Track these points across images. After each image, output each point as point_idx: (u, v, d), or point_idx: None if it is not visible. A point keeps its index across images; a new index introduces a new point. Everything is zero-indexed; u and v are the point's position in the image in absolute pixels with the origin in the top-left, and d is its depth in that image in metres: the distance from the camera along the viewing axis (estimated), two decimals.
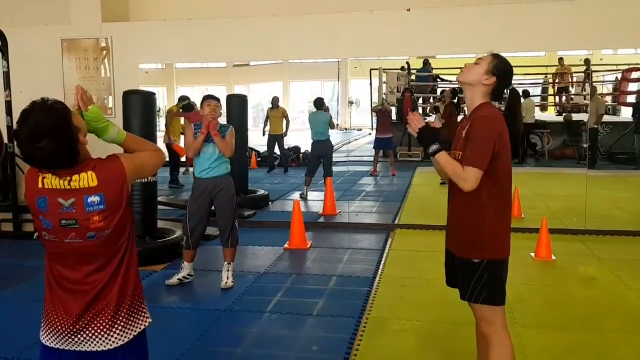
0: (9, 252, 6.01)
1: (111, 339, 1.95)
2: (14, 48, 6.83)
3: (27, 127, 1.79)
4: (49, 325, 1.97)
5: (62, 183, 1.85)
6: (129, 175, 1.96)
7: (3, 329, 4.13)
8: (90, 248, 1.91)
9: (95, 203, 1.87)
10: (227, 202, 4.84)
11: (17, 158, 6.95)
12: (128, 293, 1.98)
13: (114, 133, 2.04)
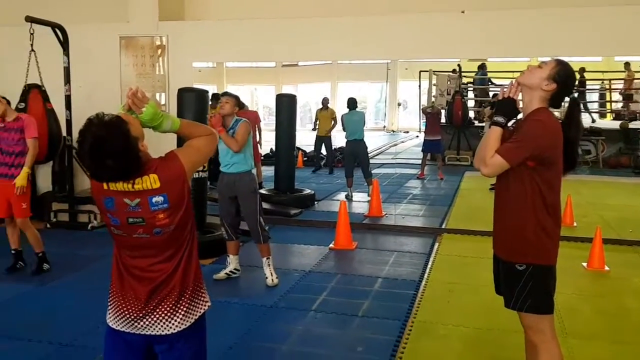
0: (64, 241, 6.23)
1: (174, 323, 2.02)
2: (74, 44, 7.07)
3: (89, 148, 1.82)
4: (116, 310, 2.06)
5: (126, 186, 1.92)
6: (188, 171, 2.01)
7: (59, 315, 4.29)
8: (157, 242, 2.00)
9: (160, 202, 1.93)
10: (248, 199, 4.88)
11: (75, 150, 7.22)
12: (190, 281, 2.06)
13: (168, 125, 2.05)
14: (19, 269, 5.22)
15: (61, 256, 5.53)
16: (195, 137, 2.12)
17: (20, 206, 4.95)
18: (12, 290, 4.76)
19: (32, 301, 4.59)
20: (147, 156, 1.96)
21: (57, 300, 4.64)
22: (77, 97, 7.14)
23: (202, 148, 2.12)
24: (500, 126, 2.47)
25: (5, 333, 3.87)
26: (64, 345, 3.73)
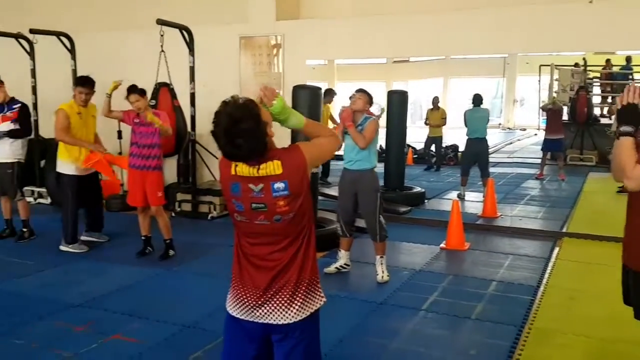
0: (187, 230, 6.64)
1: (290, 313, 2.08)
2: (199, 45, 7.50)
3: (224, 127, 1.95)
4: (236, 297, 2.15)
5: (252, 171, 2.02)
6: (309, 163, 2.08)
7: (181, 299, 4.59)
8: (277, 229, 2.07)
9: (281, 189, 2.01)
10: (368, 197, 4.87)
11: (198, 145, 7.67)
12: (307, 272, 2.11)
13: (294, 121, 2.17)
14: (147, 253, 5.66)
15: (185, 243, 5.91)
16: (318, 137, 2.20)
17: (156, 194, 5.37)
18: (141, 274, 5.17)
19: (158, 284, 4.96)
20: (272, 144, 2.08)
21: (181, 284, 4.96)
22: (201, 95, 7.57)
23: (324, 146, 2.20)
24: (629, 135, 2.28)
25: (135, 313, 4.21)
26: (186, 326, 3.98)
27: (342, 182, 5.05)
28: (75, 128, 5.64)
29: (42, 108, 8.45)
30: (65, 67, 8.32)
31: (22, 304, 4.40)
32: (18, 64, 8.35)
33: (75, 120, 5.63)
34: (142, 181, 5.35)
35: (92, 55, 8.48)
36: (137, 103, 5.24)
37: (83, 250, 5.84)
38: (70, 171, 5.73)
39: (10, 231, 6.32)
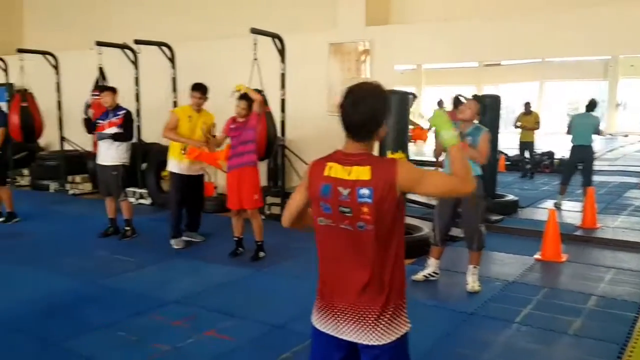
0: (276, 232, 6.76)
1: (375, 335, 2.00)
2: (289, 52, 7.67)
3: (353, 98, 2.01)
4: (318, 309, 2.12)
5: (343, 173, 2.00)
6: (400, 182, 1.97)
7: (271, 299, 4.71)
8: (360, 238, 2.01)
9: (365, 195, 1.96)
10: (472, 205, 4.72)
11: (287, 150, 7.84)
12: (394, 291, 2.02)
13: (444, 136, 2.13)
14: (238, 254, 5.86)
15: (274, 245, 6.05)
16: (453, 170, 2.07)
17: (252, 197, 5.56)
18: (233, 273, 5.36)
19: (249, 284, 5.11)
20: (372, 148, 2.06)
21: (271, 285, 5.09)
22: (291, 101, 7.75)
23: (436, 182, 2.09)
24: None
25: (228, 311, 4.36)
26: (276, 327, 4.08)
27: None
28: (182, 129, 6.02)
29: (144, 114, 9.00)
30: (165, 76, 8.81)
31: (124, 298, 4.69)
32: (124, 73, 8.92)
33: (184, 122, 6.03)
34: (239, 183, 5.53)
35: (190, 63, 8.91)
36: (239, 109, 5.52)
37: (179, 246, 6.18)
38: (176, 169, 6.15)
39: (114, 229, 6.76)
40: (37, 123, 9.34)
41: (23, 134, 9.22)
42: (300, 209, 2.20)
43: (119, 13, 11.11)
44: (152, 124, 9.10)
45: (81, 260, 5.74)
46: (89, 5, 11.66)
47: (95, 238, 6.64)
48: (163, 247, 6.23)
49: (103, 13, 11.35)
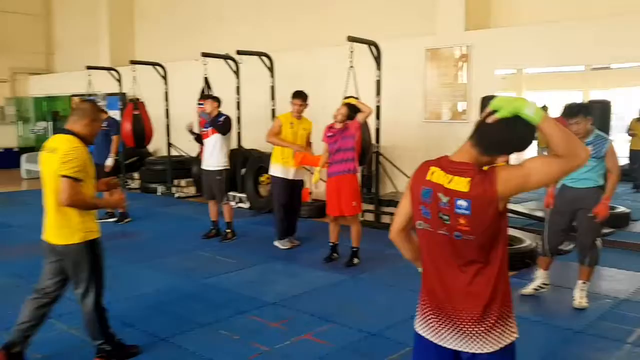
0: (370, 239, 6.79)
1: (479, 342, 1.96)
2: (384, 58, 7.66)
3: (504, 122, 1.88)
4: (421, 316, 2.11)
5: (444, 180, 1.97)
6: (502, 191, 1.89)
7: (366, 306, 4.71)
8: (459, 246, 1.98)
9: (463, 207, 1.92)
10: (589, 218, 4.46)
11: (382, 157, 7.82)
12: (498, 299, 1.97)
13: (531, 113, 1.82)
14: (333, 259, 5.91)
15: (369, 252, 6.05)
16: (554, 148, 1.84)
17: (351, 204, 5.63)
18: (329, 278, 5.42)
19: (345, 290, 5.14)
20: (480, 162, 1.96)
21: (366, 292, 5.09)
22: (385, 107, 7.73)
23: (544, 171, 1.87)
24: None
25: (322, 315, 4.41)
26: (371, 334, 4.07)
27: (560, 199, 4.63)
28: (285, 135, 6.24)
29: (244, 121, 9.34)
30: (264, 84, 9.10)
31: (226, 298, 4.89)
32: (226, 82, 9.32)
33: (286, 129, 6.25)
34: (338, 190, 5.61)
35: (288, 72, 9.15)
36: (338, 115, 5.58)
37: (285, 247, 6.41)
38: (278, 173, 6.39)
39: (215, 232, 7.06)
40: (147, 130, 9.98)
41: (134, 140, 9.89)
42: (408, 216, 2.16)
43: (223, 25, 11.64)
44: (251, 131, 9.45)
45: (185, 260, 6.05)
46: (195, 19, 12.32)
47: (198, 239, 6.98)
48: (261, 250, 6.43)
49: (208, 26, 11.95)
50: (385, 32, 8.55)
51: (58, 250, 3.41)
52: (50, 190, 3.36)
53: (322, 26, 9.92)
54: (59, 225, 3.37)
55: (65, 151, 3.26)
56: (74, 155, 3.26)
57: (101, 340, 3.57)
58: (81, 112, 3.47)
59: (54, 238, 3.40)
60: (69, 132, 3.39)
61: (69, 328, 4.18)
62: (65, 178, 3.23)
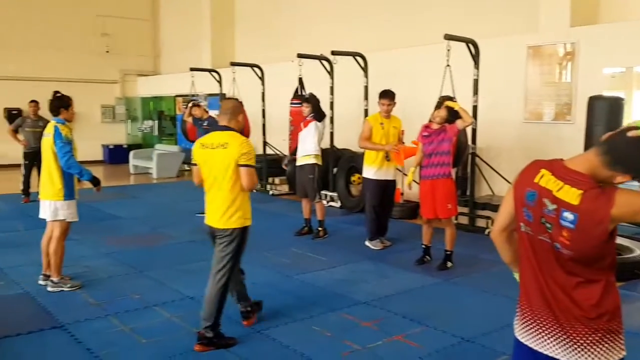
0: (464, 243, 6.63)
1: (582, 354, 1.89)
2: (483, 56, 7.43)
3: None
4: (521, 321, 2.04)
5: (554, 187, 1.87)
6: (615, 215, 1.78)
7: (459, 311, 4.60)
8: (560, 256, 1.90)
9: (568, 220, 1.82)
10: None
11: (478, 158, 7.61)
12: (604, 312, 1.88)
13: None
14: (425, 262, 5.83)
15: (462, 256, 5.92)
16: None
17: (446, 206, 5.54)
18: (421, 280, 5.35)
19: (437, 293, 5.06)
20: (598, 176, 1.85)
21: (459, 296, 4.98)
22: (482, 107, 7.50)
23: None
24: None
25: (414, 318, 4.37)
26: (465, 340, 3.98)
27: None
28: (376, 136, 6.25)
29: (336, 121, 9.43)
30: (357, 84, 9.14)
31: (318, 294, 4.97)
32: (320, 82, 9.46)
33: (377, 129, 6.26)
34: (433, 192, 5.54)
35: (382, 72, 9.13)
36: (437, 117, 5.52)
37: (377, 248, 6.42)
38: (370, 175, 6.42)
39: (308, 229, 7.20)
40: (245, 129, 10.27)
41: None
42: (511, 216, 2.08)
43: (318, 26, 11.82)
44: (343, 131, 9.53)
45: (279, 256, 6.21)
46: (291, 21, 12.61)
47: (291, 236, 7.14)
48: (352, 249, 6.48)
49: (303, 27, 12.18)
50: (483, 30, 8.30)
51: (223, 234, 3.75)
52: (223, 180, 3.69)
53: (416, 25, 9.80)
54: (230, 211, 3.72)
55: (240, 145, 3.68)
56: (248, 148, 3.71)
57: (209, 324, 3.77)
58: (232, 110, 3.84)
59: (222, 223, 3.74)
60: (228, 129, 3.78)
61: (171, 316, 4.42)
62: (247, 167, 3.68)
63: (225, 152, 3.68)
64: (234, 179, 3.69)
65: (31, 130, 9.28)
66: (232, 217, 3.74)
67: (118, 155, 16.10)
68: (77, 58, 15.94)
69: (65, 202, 4.89)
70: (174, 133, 15.76)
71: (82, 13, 16.09)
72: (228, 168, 3.67)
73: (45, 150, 4.90)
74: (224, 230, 3.75)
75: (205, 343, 3.76)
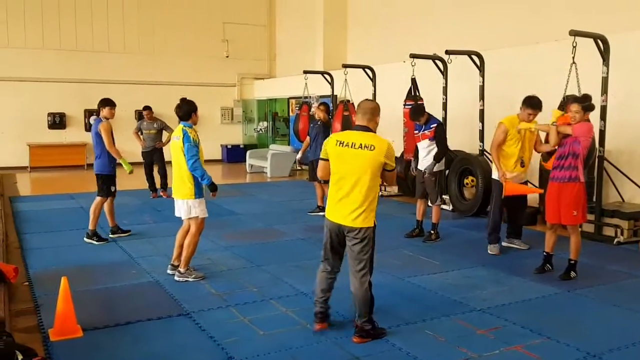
0: (589, 252, 6.21)
1: None
2: (614, 54, 6.91)
3: None
4: None
5: None
6: None
7: (584, 324, 4.34)
8: None
9: None
10: None
11: (606, 162, 7.08)
12: None
13: None
14: (546, 271, 5.53)
15: (587, 267, 5.57)
16: None
17: (571, 212, 5.21)
18: (540, 290, 5.09)
19: (559, 304, 4.79)
20: None
21: (584, 308, 4.69)
22: (611, 107, 6.98)
23: None
24: None
25: (534, 329, 4.16)
26: (591, 355, 3.73)
27: None
28: (511, 141, 6.00)
29: (450, 122, 9.22)
30: (472, 84, 8.88)
31: (430, 298, 4.89)
32: (433, 82, 9.31)
33: (513, 134, 5.97)
34: (559, 196, 5.26)
35: (499, 71, 8.80)
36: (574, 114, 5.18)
37: (494, 253, 6.25)
38: (498, 177, 6.19)
39: (419, 231, 7.11)
40: None
41: None
42: None
43: (431, 25, 11.64)
44: (457, 132, 9.31)
45: (390, 257, 6.18)
46: (403, 20, 12.52)
47: (401, 237, 7.10)
48: (464, 254, 6.31)
49: (416, 27, 12.05)
50: (616, 24, 7.71)
51: (357, 233, 3.85)
52: (362, 181, 3.80)
53: (538, 20, 9.33)
54: (365, 211, 3.81)
55: (387, 149, 3.79)
56: (393, 152, 3.86)
57: (365, 319, 3.94)
58: (371, 111, 3.94)
59: (359, 222, 3.83)
60: (367, 129, 3.89)
61: (287, 310, 4.57)
62: (392, 171, 3.86)
63: (372, 155, 3.76)
64: (375, 179, 3.80)
65: (147, 133, 10.26)
66: (368, 216, 3.82)
67: (235, 155, 16.95)
68: (200, 63, 16.97)
69: (196, 200, 5.22)
70: (287, 134, 16.25)
71: (211, 21, 17.12)
72: (372, 168, 3.77)
73: (175, 152, 5.24)
74: (359, 230, 3.82)
75: (363, 335, 3.92)
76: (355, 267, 3.90)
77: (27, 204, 9.60)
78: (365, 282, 3.90)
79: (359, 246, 3.85)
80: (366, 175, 3.77)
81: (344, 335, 4.04)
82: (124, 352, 3.82)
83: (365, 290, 3.90)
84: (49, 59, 15.17)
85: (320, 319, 4.10)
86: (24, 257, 6.17)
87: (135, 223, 7.95)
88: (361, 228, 3.82)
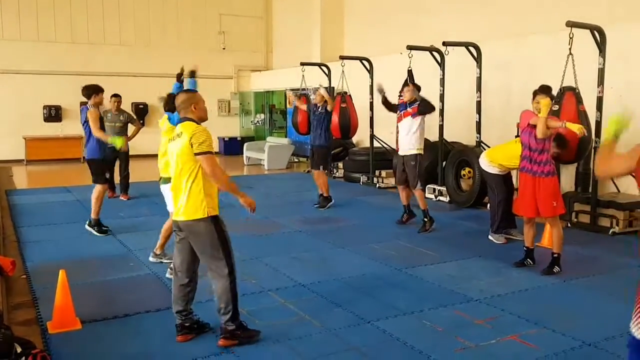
0: (584, 243, 6.25)
1: None
2: (610, 45, 6.91)
3: None
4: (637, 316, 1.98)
5: None
6: None
7: (578, 314, 4.37)
8: None
9: None
10: None
11: None
12: None
13: None
14: (526, 265, 5.47)
15: (582, 256, 5.61)
16: None
17: (551, 204, 5.16)
18: (536, 280, 5.12)
19: (554, 294, 4.82)
20: None
21: (580, 298, 4.72)
22: (608, 98, 6.99)
23: None
24: None
25: (530, 318, 4.20)
26: (586, 344, 3.77)
27: None
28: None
29: (447, 114, 9.22)
30: (469, 75, 8.87)
31: (427, 289, 4.92)
32: (430, 74, 9.30)
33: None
34: (534, 188, 5.18)
35: (495, 62, 8.80)
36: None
37: (500, 242, 6.31)
38: (491, 170, 6.34)
39: (408, 215, 7.27)
40: (353, 122, 10.42)
41: (341, 132, 10.39)
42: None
43: (428, 16, 11.61)
44: (453, 124, 9.31)
45: (387, 249, 6.21)
46: (400, 12, 12.49)
47: (396, 228, 7.15)
48: (461, 245, 6.35)
49: (413, 18, 12.02)
50: (615, 15, 7.72)
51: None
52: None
53: (535, 11, 9.32)
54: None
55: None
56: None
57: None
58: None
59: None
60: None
61: (284, 301, 4.60)
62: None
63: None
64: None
65: (111, 125, 9.03)
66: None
67: (233, 147, 16.91)
68: (197, 55, 16.79)
69: None
70: (284, 126, 16.24)
71: (207, 13, 17.07)
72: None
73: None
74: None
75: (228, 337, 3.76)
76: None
77: (23, 197, 9.59)
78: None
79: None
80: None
81: (342, 326, 4.06)
82: (123, 344, 3.84)
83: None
84: (45, 51, 15.10)
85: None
86: (21, 250, 6.17)
87: (133, 216, 7.94)
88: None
